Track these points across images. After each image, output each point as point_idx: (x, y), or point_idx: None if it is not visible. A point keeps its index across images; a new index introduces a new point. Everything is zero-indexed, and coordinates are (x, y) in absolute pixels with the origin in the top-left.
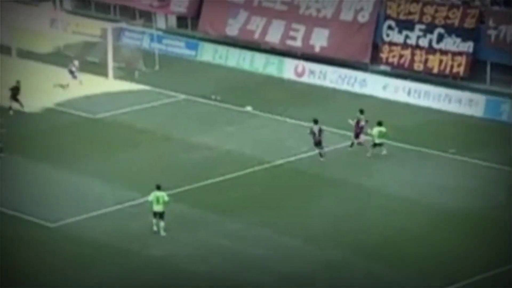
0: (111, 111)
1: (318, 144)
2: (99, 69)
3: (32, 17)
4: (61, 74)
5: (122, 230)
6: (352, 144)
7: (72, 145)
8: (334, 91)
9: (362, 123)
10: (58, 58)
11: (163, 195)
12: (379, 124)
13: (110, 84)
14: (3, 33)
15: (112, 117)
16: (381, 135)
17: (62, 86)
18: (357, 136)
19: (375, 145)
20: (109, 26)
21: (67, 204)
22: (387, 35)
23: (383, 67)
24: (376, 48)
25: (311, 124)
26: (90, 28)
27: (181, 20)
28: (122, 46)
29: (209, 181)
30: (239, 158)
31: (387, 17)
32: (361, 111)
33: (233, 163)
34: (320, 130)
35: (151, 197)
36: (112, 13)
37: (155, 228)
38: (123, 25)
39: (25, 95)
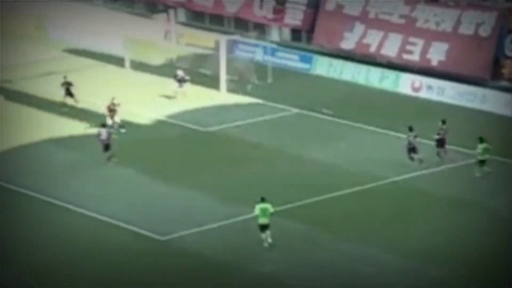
0: (222, 124)
1: (412, 150)
2: (211, 81)
3: (146, 29)
4: (171, 85)
5: (232, 245)
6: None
7: (182, 158)
8: (453, 107)
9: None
10: (170, 69)
11: (268, 207)
12: (481, 140)
13: (222, 97)
14: (117, 44)
15: (223, 130)
16: (485, 151)
17: (169, 96)
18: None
19: (480, 162)
20: (223, 39)
21: (177, 217)
22: (510, 50)
23: (504, 83)
24: (497, 63)
25: (432, 143)
26: (203, 40)
27: (295, 33)
28: (235, 58)
29: (321, 197)
30: (351, 174)
31: (510, 31)
32: (443, 122)
33: (346, 179)
34: (415, 137)
35: (257, 210)
36: (225, 26)
37: (265, 245)
38: (236, 37)
39: (137, 106)
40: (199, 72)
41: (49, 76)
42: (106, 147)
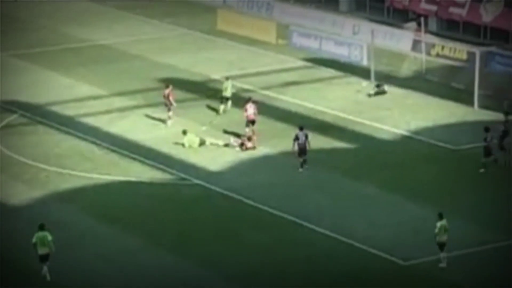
0: (473, 143)
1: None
2: (464, 96)
3: (394, 38)
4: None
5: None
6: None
7: (430, 177)
8: None
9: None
10: (419, 82)
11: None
12: (441, 216)
13: (475, 113)
14: (360, 54)
15: (475, 149)
16: (443, 229)
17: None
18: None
19: (440, 246)
20: (477, 50)
21: (420, 242)
22: None
23: None
24: None
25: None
26: (456, 52)
27: None
28: (491, 72)
29: None
30: None
31: None
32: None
33: None
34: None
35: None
36: (481, 36)
37: None
38: (493, 49)
39: (381, 120)
40: (450, 85)
41: (291, 87)
42: (301, 151)
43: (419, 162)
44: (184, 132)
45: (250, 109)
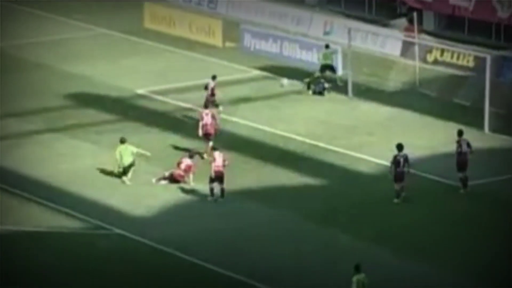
0: (484, 177)
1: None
2: (470, 115)
3: (378, 39)
4: (412, 119)
5: None
6: None
7: (422, 225)
8: None
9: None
10: (411, 98)
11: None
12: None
13: (485, 138)
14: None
15: (484, 186)
16: None
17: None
18: None
19: None
20: (488, 55)
21: None
22: None
23: None
24: None
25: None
26: (460, 57)
27: None
28: (505, 83)
29: None
30: None
31: None
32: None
33: None
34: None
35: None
36: (493, 37)
37: None
38: (509, 53)
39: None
40: (452, 101)
41: (242, 104)
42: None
43: (410, 203)
44: (122, 141)
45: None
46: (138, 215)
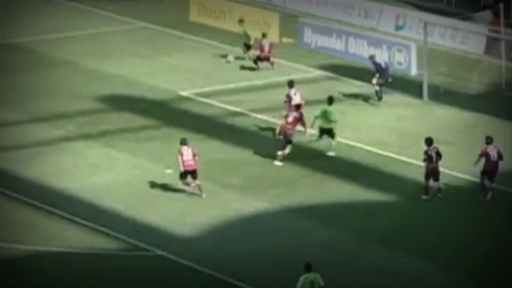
0: None
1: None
2: None
3: (459, 35)
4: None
5: None
6: None
7: None
8: None
9: None
10: (497, 100)
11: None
12: None
13: None
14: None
15: None
16: None
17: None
18: None
19: None
20: None
21: None
22: None
23: None
24: None
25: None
26: None
27: None
28: None
29: None
30: None
31: None
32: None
33: None
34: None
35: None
36: None
37: None
38: None
39: None
40: None
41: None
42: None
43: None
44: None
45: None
46: (180, 235)
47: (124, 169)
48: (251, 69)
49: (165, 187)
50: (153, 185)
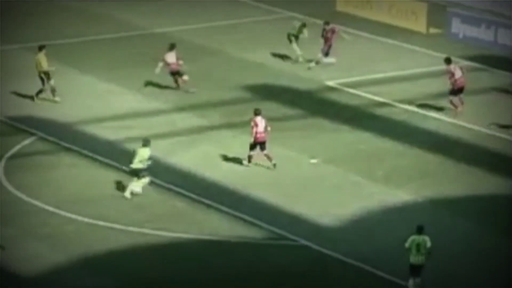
0: None
1: None
2: None
3: None
4: None
5: None
6: None
7: None
8: None
9: None
10: None
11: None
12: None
13: None
14: None
15: None
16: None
17: None
18: None
19: None
20: None
21: None
22: None
23: None
24: None
25: None
26: None
27: None
28: None
29: None
30: None
31: None
32: None
33: None
34: None
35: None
36: None
37: None
38: None
39: None
40: None
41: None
42: None
43: None
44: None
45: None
46: (324, 225)
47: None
48: (398, 59)
49: (309, 177)
50: (297, 175)
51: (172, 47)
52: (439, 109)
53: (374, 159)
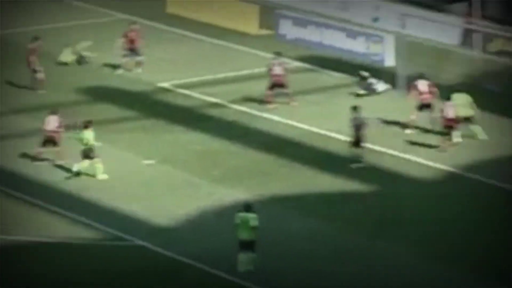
0: None
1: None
2: None
3: (434, 26)
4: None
5: None
6: None
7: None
8: None
9: None
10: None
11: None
12: None
13: None
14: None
15: None
16: None
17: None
18: None
19: None
20: None
21: None
22: None
23: None
24: None
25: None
26: None
27: None
28: None
29: None
30: None
31: None
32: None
33: None
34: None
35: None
36: None
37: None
38: None
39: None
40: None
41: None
42: None
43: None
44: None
45: None
46: (160, 226)
47: (103, 160)
48: (229, 60)
49: (145, 179)
50: (133, 176)
51: None
52: (271, 109)
53: (209, 159)
